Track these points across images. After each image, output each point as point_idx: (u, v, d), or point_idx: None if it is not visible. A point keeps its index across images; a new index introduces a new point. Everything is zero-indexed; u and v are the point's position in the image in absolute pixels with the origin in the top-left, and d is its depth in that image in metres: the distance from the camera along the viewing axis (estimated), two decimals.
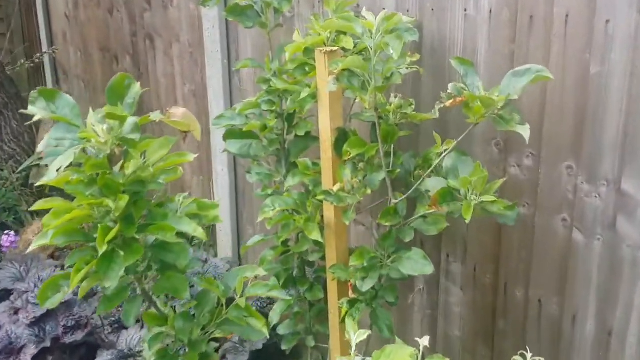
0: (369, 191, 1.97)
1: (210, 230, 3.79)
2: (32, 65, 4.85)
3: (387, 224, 1.95)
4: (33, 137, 4.81)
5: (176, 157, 1.64)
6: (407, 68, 1.89)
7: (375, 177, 2.02)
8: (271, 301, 2.80)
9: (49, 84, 5.52)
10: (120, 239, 1.54)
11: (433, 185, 1.85)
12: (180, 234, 1.64)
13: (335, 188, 2.00)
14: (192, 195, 4.00)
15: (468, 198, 1.76)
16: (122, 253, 1.49)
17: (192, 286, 1.76)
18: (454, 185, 1.81)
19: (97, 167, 1.48)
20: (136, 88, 1.60)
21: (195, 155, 1.66)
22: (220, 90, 3.40)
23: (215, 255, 3.75)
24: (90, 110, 1.55)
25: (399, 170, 2.05)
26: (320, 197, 2.03)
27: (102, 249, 1.45)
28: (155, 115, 1.56)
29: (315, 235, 2.08)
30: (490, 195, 1.73)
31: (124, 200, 1.48)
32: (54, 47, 4.96)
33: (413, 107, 2.00)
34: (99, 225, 1.49)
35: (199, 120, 4.07)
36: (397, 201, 1.98)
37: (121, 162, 1.57)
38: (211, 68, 3.43)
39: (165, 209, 1.68)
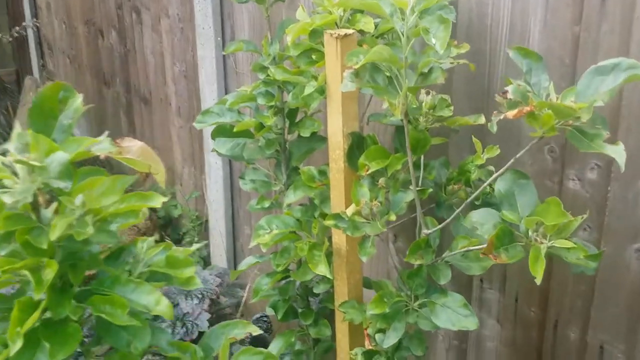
0: (393, 217, 1.49)
1: (203, 226, 3.33)
2: (11, 39, 4.33)
3: (417, 262, 1.47)
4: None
5: (137, 201, 1.15)
6: (451, 62, 1.39)
7: (400, 198, 1.54)
8: (269, 326, 2.34)
9: (34, 60, 5.01)
10: (47, 321, 1.04)
11: (480, 218, 1.37)
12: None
13: (349, 211, 1.53)
14: (183, 187, 3.54)
15: (533, 240, 1.28)
16: (47, 345, 0.99)
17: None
18: (510, 219, 1.33)
19: (12, 221, 0.99)
20: (76, 103, 1.09)
21: (166, 199, 1.17)
22: (213, 72, 2.90)
23: (207, 258, 3.29)
24: (16, 131, 1.05)
25: (431, 190, 1.57)
26: (329, 223, 1.56)
27: (16, 344, 0.96)
28: (101, 148, 1.06)
29: (322, 270, 1.61)
30: (566, 240, 1.24)
31: (52, 268, 0.99)
32: (34, 19, 4.43)
33: (451, 108, 1.51)
34: (15, 302, 1.00)
35: (190, 105, 3.61)
36: (429, 232, 1.50)
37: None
38: (203, 47, 2.93)
39: (117, 266, 1.20)
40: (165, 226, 3.56)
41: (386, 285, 1.61)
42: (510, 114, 1.20)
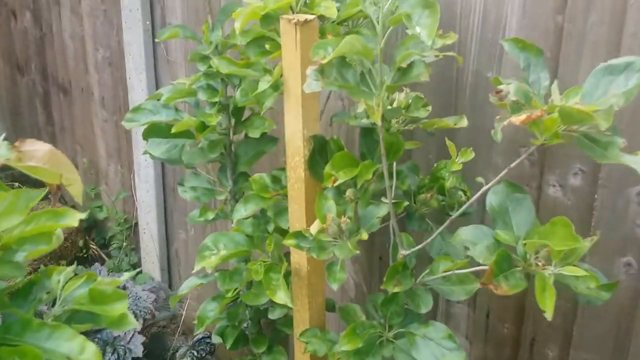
0: (365, 235, 1.27)
1: (132, 230, 3.03)
2: None
3: (396, 289, 1.25)
4: None
5: (47, 220, 0.88)
6: (436, 56, 1.17)
7: (372, 212, 1.31)
8: (213, 349, 2.08)
9: None
10: None
11: (471, 237, 1.17)
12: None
13: (314, 229, 1.29)
14: (108, 187, 3.21)
15: (534, 264, 1.08)
16: None
17: None
18: (504, 240, 1.13)
19: None
20: None
21: (83, 216, 0.90)
22: (142, 60, 2.59)
23: (138, 265, 2.99)
24: None
25: (406, 203, 1.35)
26: (289, 243, 1.32)
27: None
28: None
29: (282, 297, 1.37)
30: (576, 267, 1.05)
31: None
32: None
33: (428, 108, 1.29)
34: None
35: (115, 95, 3.27)
36: (407, 253, 1.28)
37: None
38: (129, 31, 2.61)
39: (28, 306, 0.93)
40: (89, 230, 3.23)
41: (354, 312, 1.39)
42: (517, 119, 0.99)
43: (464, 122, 1.28)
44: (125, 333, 2.02)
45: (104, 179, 3.19)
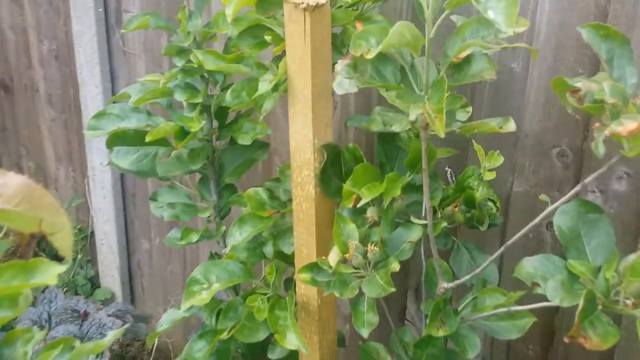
0: (396, 266, 1.03)
1: (88, 241, 2.71)
2: None
3: (441, 333, 1.02)
4: None
5: (13, 278, 0.61)
6: (503, 47, 0.92)
7: (401, 236, 1.08)
8: None
9: None
10: None
11: (539, 269, 0.94)
12: None
13: (333, 260, 1.05)
14: (59, 193, 2.88)
15: (622, 304, 0.87)
16: None
17: None
18: (580, 272, 0.91)
19: None
20: None
21: (63, 269, 0.64)
22: (95, 52, 2.28)
23: (95, 279, 2.68)
24: None
25: (445, 224, 1.12)
26: (304, 279, 1.07)
27: None
28: None
29: (294, 342, 1.12)
30: None
31: None
32: None
33: (469, 109, 1.06)
34: None
35: (64, 92, 2.92)
36: (449, 285, 1.05)
37: None
38: (79, 20, 2.29)
39: None
40: (39, 240, 2.89)
41: (377, 353, 1.15)
42: (625, 129, 0.77)
43: (512, 126, 1.06)
44: None
45: (53, 184, 2.86)
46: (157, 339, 1.65)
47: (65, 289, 2.66)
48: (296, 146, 1.13)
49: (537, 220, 0.99)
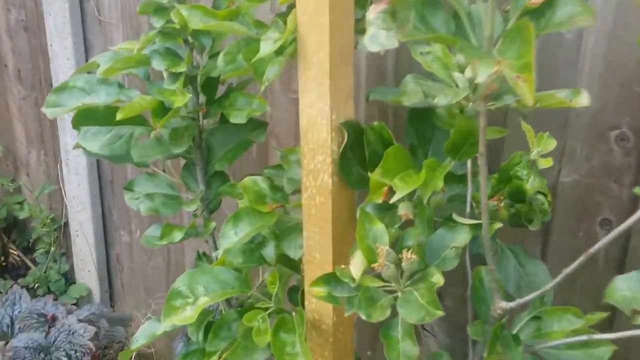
0: (441, 280, 0.78)
1: (61, 231, 2.45)
2: None
3: None
4: None
5: None
6: None
7: (443, 239, 0.83)
8: None
9: None
10: None
11: (631, 291, 0.70)
12: None
13: (356, 270, 0.80)
14: (30, 179, 2.60)
15: None
16: None
17: None
18: None
19: None
20: None
21: None
22: (67, 22, 2.00)
23: (70, 274, 2.42)
24: None
25: (499, 224, 0.87)
26: (318, 294, 0.83)
27: None
28: None
29: None
30: None
31: None
32: None
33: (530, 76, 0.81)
34: None
35: (35, 67, 2.57)
36: (509, 306, 0.80)
37: None
38: None
39: None
40: (8, 231, 2.62)
41: None
42: None
43: (584, 99, 0.81)
44: None
45: (24, 169, 2.58)
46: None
47: (36, 286, 2.40)
48: (308, 124, 0.88)
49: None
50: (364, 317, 0.79)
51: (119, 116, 1.02)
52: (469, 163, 0.89)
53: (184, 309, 0.92)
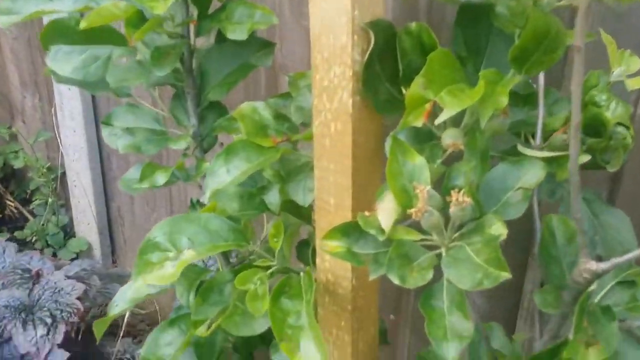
0: (504, 231, 0.56)
1: (58, 181, 2.25)
2: None
3: (593, 356, 0.56)
4: None
5: None
6: None
7: (508, 178, 0.60)
8: None
9: None
10: None
11: None
12: None
13: (386, 218, 0.58)
14: (26, 125, 2.39)
15: None
16: None
17: None
18: None
19: None
20: None
21: None
22: None
23: (69, 227, 2.23)
24: None
25: (586, 157, 0.65)
26: (334, 249, 0.61)
27: None
28: None
29: (312, 353, 0.66)
30: None
31: None
32: None
33: None
34: None
35: None
36: (600, 268, 0.58)
37: None
38: None
39: None
40: (5, 181, 2.43)
41: None
42: None
43: None
44: (38, 348, 1.29)
45: (19, 115, 2.37)
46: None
47: (34, 239, 2.22)
48: (322, 24, 0.64)
49: None
50: (396, 282, 0.56)
51: (82, 24, 0.80)
52: (541, 78, 0.66)
53: (162, 265, 0.71)
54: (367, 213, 0.62)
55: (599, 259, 0.76)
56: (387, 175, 0.59)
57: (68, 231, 2.23)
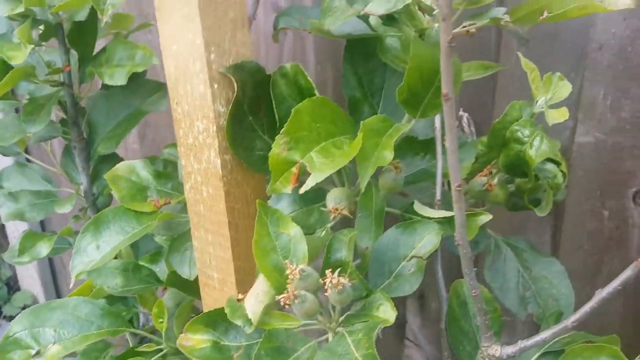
0: (391, 317, 0.46)
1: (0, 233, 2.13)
2: None
3: None
4: None
5: None
6: None
7: (400, 245, 0.50)
8: None
9: None
10: None
11: None
12: None
13: (253, 306, 0.48)
14: None
15: None
16: None
17: None
18: None
19: None
20: None
21: None
22: None
23: (13, 279, 2.10)
24: None
25: (484, 215, 0.55)
26: (194, 345, 0.50)
27: None
28: None
29: None
30: None
31: None
32: None
33: None
34: None
35: None
36: (502, 354, 0.48)
37: None
38: None
39: None
40: None
41: None
42: None
43: None
44: None
45: None
46: None
47: None
48: (176, 71, 0.55)
49: None
50: None
51: None
52: (437, 121, 0.56)
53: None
54: (240, 296, 0.52)
55: (531, 317, 0.66)
56: (255, 252, 0.49)
57: (12, 285, 2.11)
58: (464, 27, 0.54)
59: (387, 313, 0.46)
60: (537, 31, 0.81)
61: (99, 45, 0.81)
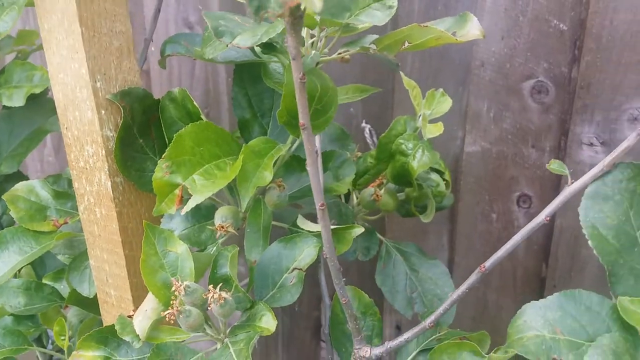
0: (272, 325, 0.50)
1: None
2: None
3: None
4: None
5: None
6: None
7: (282, 259, 0.54)
8: None
9: None
10: None
11: (549, 328, 0.42)
12: None
13: (141, 322, 0.51)
14: None
15: None
16: None
17: None
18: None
19: None
20: None
21: None
22: None
23: None
24: None
25: (361, 230, 0.59)
26: None
27: None
28: None
29: None
30: None
31: None
32: None
33: (393, 3, 0.52)
34: None
35: None
36: (371, 355, 0.52)
37: None
38: None
39: None
40: None
41: None
42: None
43: (475, 29, 0.53)
44: None
45: None
46: None
47: None
48: (64, 98, 0.57)
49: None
50: None
51: None
52: (317, 142, 0.60)
53: None
54: (133, 311, 0.54)
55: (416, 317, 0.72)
56: (142, 271, 0.51)
57: None
58: (339, 54, 0.58)
59: (268, 323, 0.49)
60: (430, 48, 0.86)
61: (8, 59, 0.81)
